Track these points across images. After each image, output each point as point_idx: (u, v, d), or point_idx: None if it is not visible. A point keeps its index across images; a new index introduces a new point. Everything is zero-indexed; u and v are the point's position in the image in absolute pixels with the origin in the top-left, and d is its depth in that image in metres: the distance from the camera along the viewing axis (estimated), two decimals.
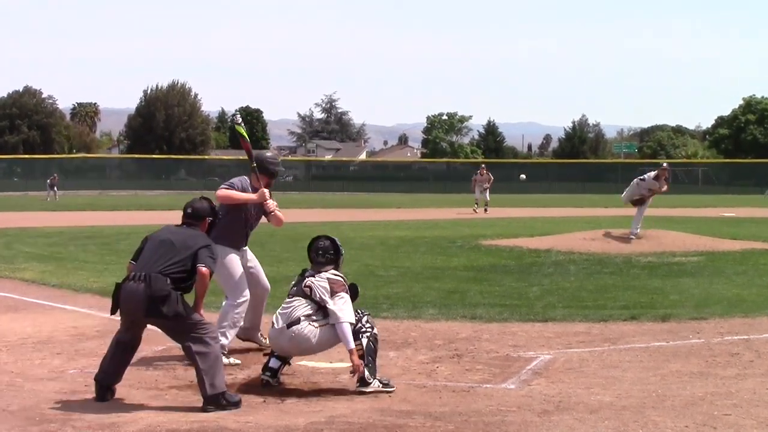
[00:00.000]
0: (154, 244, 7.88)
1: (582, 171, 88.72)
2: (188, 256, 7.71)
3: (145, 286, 7.54)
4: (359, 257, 19.37)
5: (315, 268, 8.38)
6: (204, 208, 8.28)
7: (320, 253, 8.42)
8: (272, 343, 8.41)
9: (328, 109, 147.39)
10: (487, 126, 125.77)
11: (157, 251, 7.77)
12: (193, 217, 8.18)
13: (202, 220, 8.21)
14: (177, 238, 7.87)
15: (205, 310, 11.86)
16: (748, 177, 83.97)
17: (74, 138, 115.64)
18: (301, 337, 8.10)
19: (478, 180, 44.45)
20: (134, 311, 7.62)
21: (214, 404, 7.42)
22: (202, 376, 7.52)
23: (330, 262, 8.41)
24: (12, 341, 10.48)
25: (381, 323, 11.48)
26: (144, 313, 7.57)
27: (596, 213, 39.86)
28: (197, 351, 7.57)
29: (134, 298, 7.58)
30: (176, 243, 7.80)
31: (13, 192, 72.46)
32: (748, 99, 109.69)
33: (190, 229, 8.08)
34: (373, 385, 8.08)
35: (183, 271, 7.67)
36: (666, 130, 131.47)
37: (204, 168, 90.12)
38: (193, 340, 7.60)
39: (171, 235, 7.94)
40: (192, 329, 7.63)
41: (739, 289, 14.33)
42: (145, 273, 7.60)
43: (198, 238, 7.94)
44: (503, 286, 14.93)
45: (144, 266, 7.71)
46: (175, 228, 8.12)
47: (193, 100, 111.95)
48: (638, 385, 8.23)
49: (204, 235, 8.06)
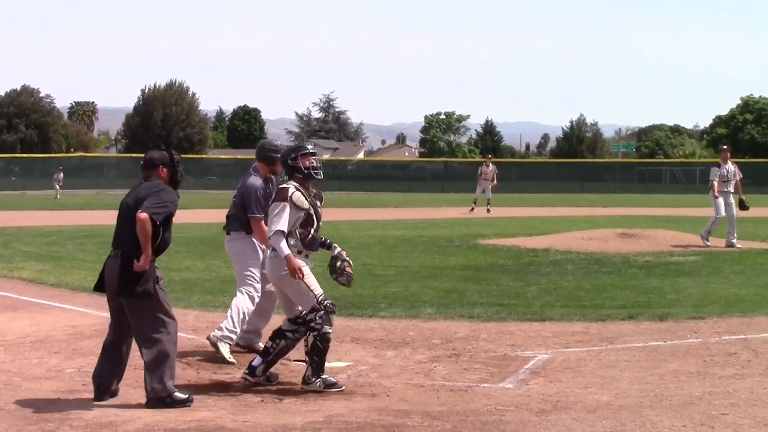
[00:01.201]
0: (120, 213, 7.72)
1: (580, 170, 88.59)
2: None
3: (119, 262, 7.48)
4: (357, 256, 19.33)
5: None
6: (157, 156, 7.94)
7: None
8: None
9: (326, 109, 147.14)
10: (484, 125, 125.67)
11: (124, 220, 7.62)
12: (146, 167, 7.87)
13: (155, 169, 7.84)
14: (131, 198, 7.65)
15: (202, 310, 11.88)
16: (745, 176, 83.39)
17: (72, 137, 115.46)
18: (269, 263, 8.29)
19: (484, 174, 41.13)
20: (111, 287, 7.58)
21: (157, 405, 7.39)
22: (145, 376, 7.49)
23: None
24: (10, 340, 10.48)
25: (379, 322, 11.52)
26: (115, 289, 7.52)
27: (594, 212, 39.86)
28: (145, 347, 7.51)
29: (111, 274, 7.57)
30: (131, 204, 7.60)
31: (11, 191, 72.34)
32: (746, 99, 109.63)
33: (145, 183, 7.79)
34: (315, 385, 8.06)
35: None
36: (664, 129, 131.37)
37: (202, 167, 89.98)
38: (144, 333, 7.52)
39: (128, 198, 7.72)
40: (148, 319, 7.52)
41: (737, 289, 14.33)
42: (119, 250, 7.53)
43: (149, 188, 7.65)
44: (501, 285, 14.93)
45: (117, 239, 7.63)
46: (134, 189, 7.84)
47: (191, 99, 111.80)
48: (636, 384, 8.24)
49: (156, 184, 7.71)
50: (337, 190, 78.02)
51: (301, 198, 8.14)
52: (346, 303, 12.83)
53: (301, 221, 8.16)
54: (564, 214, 37.94)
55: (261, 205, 9.36)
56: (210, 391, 8.10)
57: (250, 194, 9.48)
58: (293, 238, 8.12)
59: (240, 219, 9.58)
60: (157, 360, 7.49)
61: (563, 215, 37.28)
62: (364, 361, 9.34)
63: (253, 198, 9.45)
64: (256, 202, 9.43)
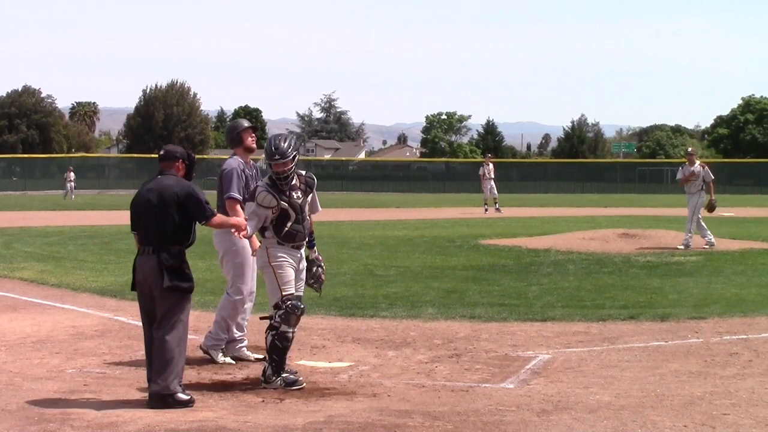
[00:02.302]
0: (141, 209, 7.74)
1: (581, 170, 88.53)
2: (172, 213, 7.58)
3: (155, 259, 7.54)
4: (358, 256, 19.36)
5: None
6: (175, 149, 8.00)
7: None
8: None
9: (327, 109, 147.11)
10: (486, 125, 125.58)
11: (147, 217, 7.66)
12: (165, 159, 7.89)
13: (174, 162, 7.89)
14: (154, 195, 7.67)
15: (203, 310, 11.89)
16: (747, 177, 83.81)
17: (73, 137, 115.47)
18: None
19: (486, 174, 40.27)
20: (149, 284, 7.60)
21: (158, 403, 7.41)
22: (151, 370, 7.52)
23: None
24: (11, 340, 10.48)
25: (380, 323, 11.52)
26: (157, 285, 7.52)
27: (595, 213, 39.85)
28: (159, 340, 7.53)
29: (146, 270, 7.59)
30: (155, 201, 7.63)
31: (12, 191, 72.38)
32: (747, 99, 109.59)
33: (164, 178, 7.80)
34: (275, 383, 8.09)
35: (174, 230, 7.60)
36: (665, 129, 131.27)
37: (203, 167, 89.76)
38: (162, 326, 7.56)
39: (149, 194, 7.72)
40: (169, 314, 7.57)
41: (738, 289, 14.33)
42: (152, 246, 7.57)
43: (173, 188, 7.67)
44: (502, 285, 14.93)
45: (146, 236, 7.66)
46: (151, 183, 7.84)
47: (192, 99, 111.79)
48: (637, 384, 8.23)
49: (178, 182, 7.75)
50: (338, 190, 78.07)
51: (266, 197, 8.14)
52: (347, 303, 12.85)
53: (277, 216, 8.19)
54: (565, 215, 37.94)
55: (239, 186, 9.14)
56: (211, 391, 8.10)
57: (230, 174, 9.20)
58: (269, 231, 8.21)
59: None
60: (168, 358, 7.53)
61: (564, 215, 37.27)
62: (365, 361, 9.34)
63: (234, 178, 9.18)
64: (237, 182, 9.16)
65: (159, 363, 7.51)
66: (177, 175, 7.86)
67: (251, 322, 9.59)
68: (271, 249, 8.21)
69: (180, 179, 7.83)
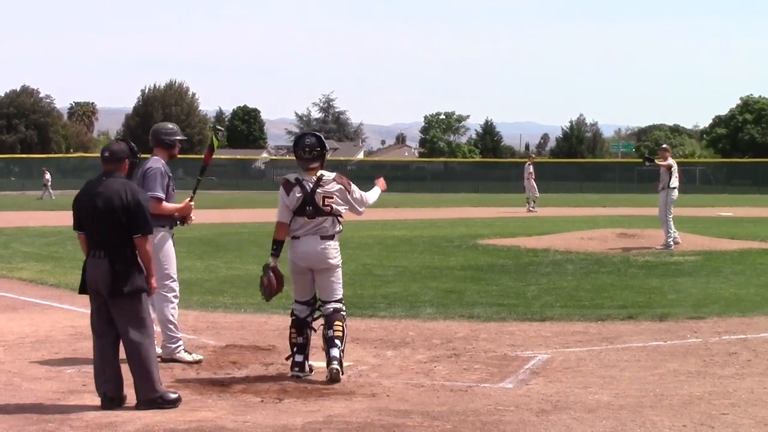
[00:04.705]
0: (87, 213, 7.59)
1: (579, 170, 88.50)
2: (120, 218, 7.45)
3: (107, 264, 7.45)
4: (357, 256, 19.36)
5: (303, 165, 8.62)
6: (121, 150, 7.80)
7: (307, 150, 8.63)
8: (299, 252, 8.58)
9: (326, 109, 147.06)
10: (484, 125, 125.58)
11: (96, 221, 7.52)
12: (111, 161, 7.70)
13: (121, 163, 7.74)
14: (102, 201, 7.49)
15: (202, 310, 11.87)
16: (745, 176, 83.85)
17: (71, 137, 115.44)
18: (331, 250, 8.69)
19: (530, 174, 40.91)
20: (100, 289, 7.52)
21: (149, 406, 7.38)
22: (137, 373, 7.47)
23: (317, 158, 8.64)
24: (10, 340, 10.48)
25: (379, 323, 11.53)
26: (108, 291, 7.45)
27: (594, 212, 39.84)
28: (131, 349, 7.49)
29: (98, 275, 7.50)
30: (103, 206, 7.48)
31: (10, 191, 72.37)
32: (746, 98, 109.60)
33: (110, 180, 7.62)
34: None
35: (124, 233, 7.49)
36: (663, 129, 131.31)
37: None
38: (130, 335, 7.50)
39: (97, 198, 7.54)
40: (133, 321, 7.51)
41: (737, 289, 14.33)
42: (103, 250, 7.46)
43: (121, 193, 7.49)
44: (501, 285, 14.93)
45: (95, 240, 7.53)
46: (97, 186, 7.65)
47: (191, 99, 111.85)
48: (636, 384, 8.24)
49: (125, 186, 7.58)
50: None
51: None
52: (345, 303, 12.81)
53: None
54: (564, 214, 37.94)
55: (163, 185, 9.14)
56: (210, 391, 8.10)
57: (155, 173, 9.16)
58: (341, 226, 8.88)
59: None
60: (146, 361, 7.50)
61: (563, 215, 37.27)
62: (364, 361, 9.34)
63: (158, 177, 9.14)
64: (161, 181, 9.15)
65: (141, 369, 7.46)
66: (122, 175, 7.72)
67: (252, 322, 9.60)
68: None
69: (127, 183, 7.68)
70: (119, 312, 7.55)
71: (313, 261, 8.59)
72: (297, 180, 8.59)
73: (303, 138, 8.73)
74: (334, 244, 8.72)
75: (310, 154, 8.60)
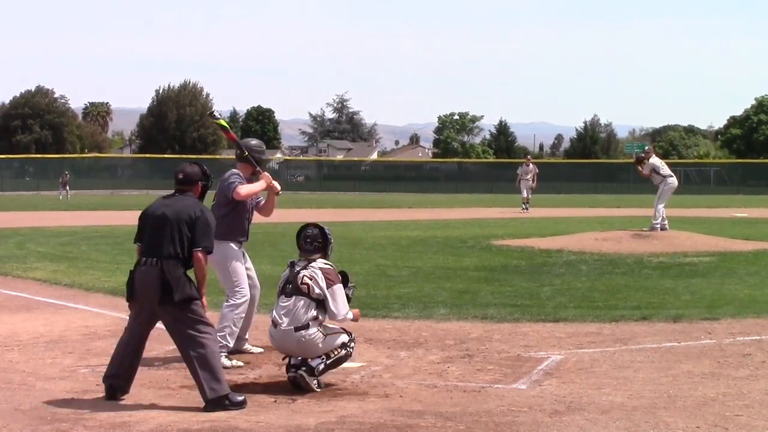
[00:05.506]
0: (152, 222, 7.74)
1: (593, 171, 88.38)
2: (184, 231, 7.60)
3: (158, 271, 7.52)
4: (370, 257, 19.37)
5: (304, 255, 8.40)
6: (195, 172, 8.02)
7: (308, 241, 8.44)
8: (276, 344, 8.31)
9: (340, 109, 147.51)
10: (498, 126, 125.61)
11: (158, 230, 7.65)
12: (185, 183, 7.93)
13: (194, 185, 7.96)
14: (171, 211, 7.69)
15: (216, 310, 11.90)
16: (760, 177, 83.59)
17: (86, 138, 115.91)
18: (310, 342, 8.08)
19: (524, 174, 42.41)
20: (149, 296, 7.58)
21: (217, 407, 7.40)
22: (200, 379, 7.48)
23: (318, 249, 8.42)
24: (24, 340, 10.52)
25: (392, 323, 11.53)
26: (158, 298, 7.52)
27: (608, 213, 39.76)
28: (195, 351, 7.52)
29: (148, 282, 7.57)
30: (171, 217, 7.65)
31: (25, 191, 72.70)
32: (761, 99, 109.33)
33: (182, 197, 7.86)
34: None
35: (183, 248, 7.61)
36: (678, 130, 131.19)
37: (216, 168, 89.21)
38: (191, 337, 7.54)
39: (165, 209, 7.74)
40: (193, 324, 7.57)
41: (751, 290, 14.28)
42: (156, 257, 7.56)
43: (191, 208, 7.73)
44: (514, 286, 14.91)
45: (151, 248, 7.65)
46: (168, 199, 7.89)
47: (205, 99, 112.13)
48: (649, 385, 8.22)
49: (197, 204, 7.83)
50: (350, 191, 78.22)
51: None
52: (359, 304, 12.81)
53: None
54: (578, 215, 37.88)
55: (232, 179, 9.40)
56: None
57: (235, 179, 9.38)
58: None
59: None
60: (210, 361, 7.53)
61: (577, 216, 37.22)
62: (377, 362, 9.34)
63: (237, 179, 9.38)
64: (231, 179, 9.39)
65: (207, 370, 7.47)
66: (194, 196, 7.94)
67: (265, 323, 9.60)
68: None
69: (199, 202, 7.90)
70: (174, 321, 7.62)
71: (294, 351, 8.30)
72: (292, 263, 8.45)
73: (306, 228, 8.53)
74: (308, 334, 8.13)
75: (311, 245, 8.40)
